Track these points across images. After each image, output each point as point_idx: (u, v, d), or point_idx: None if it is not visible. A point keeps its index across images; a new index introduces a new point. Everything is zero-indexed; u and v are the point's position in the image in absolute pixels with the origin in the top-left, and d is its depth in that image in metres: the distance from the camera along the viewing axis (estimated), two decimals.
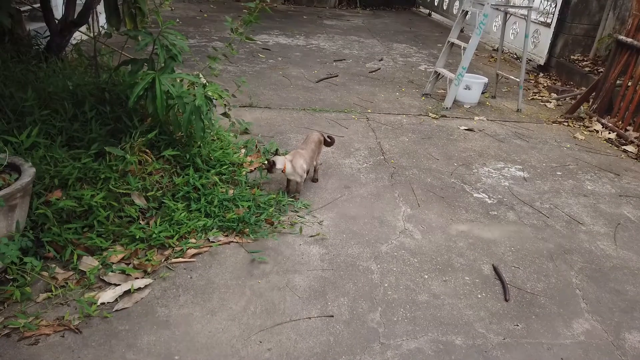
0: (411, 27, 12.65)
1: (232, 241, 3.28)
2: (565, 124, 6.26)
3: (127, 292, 2.73)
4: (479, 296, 2.99)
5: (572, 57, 8.45)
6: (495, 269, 3.24)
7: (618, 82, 6.15)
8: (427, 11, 15.22)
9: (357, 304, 2.84)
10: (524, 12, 6.12)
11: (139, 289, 2.77)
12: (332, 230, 3.53)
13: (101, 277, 2.82)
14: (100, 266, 2.87)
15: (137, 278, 2.85)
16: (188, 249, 3.10)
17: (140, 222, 3.23)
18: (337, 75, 7.50)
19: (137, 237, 3.05)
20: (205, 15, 11.39)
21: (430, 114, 6.10)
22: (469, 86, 6.48)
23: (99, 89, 3.77)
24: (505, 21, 6.76)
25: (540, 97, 7.35)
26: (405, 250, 3.37)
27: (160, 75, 3.41)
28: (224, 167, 3.90)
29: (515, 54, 9.83)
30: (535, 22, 9.02)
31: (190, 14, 11.33)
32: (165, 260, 3.03)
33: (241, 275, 2.99)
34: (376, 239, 3.47)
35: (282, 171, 3.64)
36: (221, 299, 2.78)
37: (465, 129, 5.72)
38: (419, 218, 3.79)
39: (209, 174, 3.70)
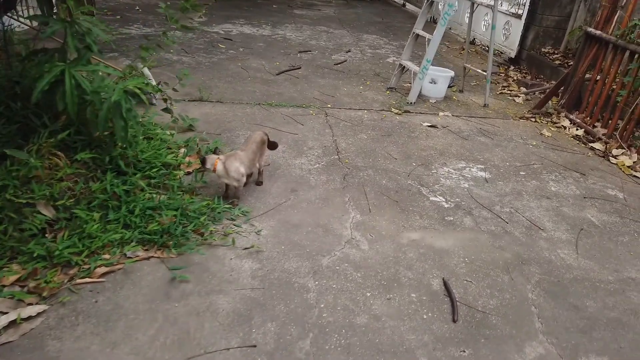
0: (383, 18, 12.32)
1: (152, 256, 2.91)
2: (533, 119, 6.02)
3: (14, 323, 2.34)
4: (425, 317, 2.69)
5: (542, 49, 8.22)
6: (445, 283, 2.95)
7: (587, 75, 5.91)
8: (402, 1, 14.91)
9: (285, 329, 2.51)
10: (491, 2, 5.82)
11: (30, 317, 2.38)
12: (270, 241, 3.18)
13: None
14: None
15: (31, 304, 2.46)
16: (97, 267, 2.72)
17: (47, 235, 2.84)
18: (299, 68, 7.12)
19: (36, 254, 2.65)
20: (169, 2, 10.84)
21: (393, 109, 5.78)
22: (435, 80, 6.18)
23: (9, 82, 3.33)
24: (472, 11, 6.46)
25: (509, 92, 7.10)
26: (348, 264, 3.05)
27: (73, 67, 3.01)
28: (154, 169, 3.52)
29: (487, 47, 9.57)
30: (505, 13, 8.77)
31: (152, 1, 10.78)
32: (69, 280, 2.65)
33: (156, 298, 2.62)
34: (318, 251, 3.14)
35: (212, 171, 3.36)
36: (127, 327, 2.42)
37: (429, 126, 5.42)
38: (368, 225, 3.47)
39: (135, 178, 3.32)
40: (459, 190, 4.09)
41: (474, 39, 9.98)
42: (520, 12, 8.49)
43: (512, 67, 8.44)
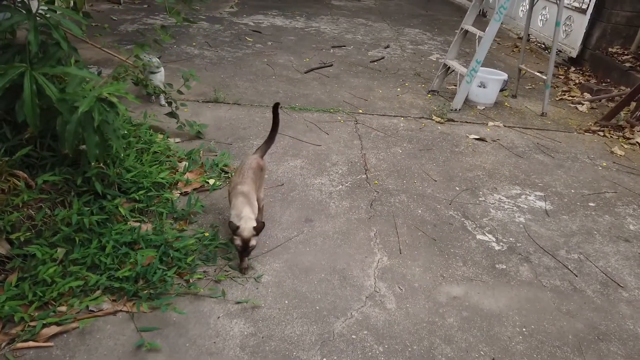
0: (428, 10, 11.41)
1: (119, 310, 2.32)
2: (601, 133, 5.10)
3: None
4: None
5: (610, 49, 7.19)
6: None
7: None
8: None
9: None
10: None
11: None
12: (272, 292, 2.54)
13: None
14: None
15: None
16: (45, 326, 2.14)
17: None
18: (331, 65, 6.43)
19: None
20: None
21: (435, 117, 5.00)
22: (484, 84, 5.34)
23: None
24: (532, 5, 5.57)
25: (570, 97, 6.16)
26: (368, 331, 2.36)
27: (37, 69, 2.44)
28: (141, 192, 2.92)
29: (544, 44, 8.57)
30: (568, 8, 7.74)
31: None
32: (7, 344, 2.08)
33: None
34: (331, 309, 2.47)
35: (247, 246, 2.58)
36: None
37: (476, 138, 4.62)
38: (397, 273, 2.77)
39: (113, 203, 2.73)
40: (513, 227, 3.31)
41: (529, 35, 8.98)
42: (584, 6, 7.46)
43: (572, 69, 7.44)
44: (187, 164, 3.49)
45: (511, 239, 3.19)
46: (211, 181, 3.39)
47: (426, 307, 2.55)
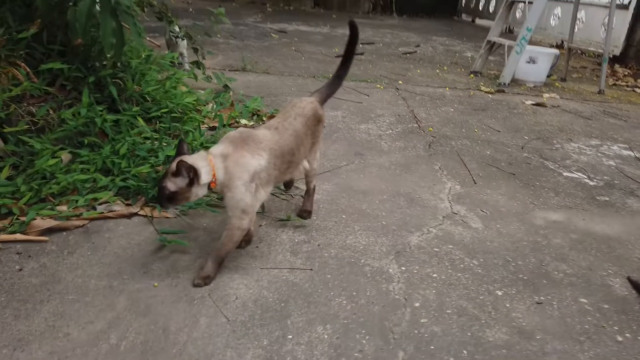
0: (452, 28, 11.22)
1: (135, 213, 1.81)
2: None
3: None
4: (620, 338, 1.38)
5: None
6: (633, 283, 1.63)
7: None
8: (470, 18, 13.78)
9: (349, 339, 1.29)
10: None
11: None
12: (325, 208, 2.01)
13: None
14: None
15: None
16: (34, 219, 1.64)
17: None
18: (362, 54, 6.08)
19: None
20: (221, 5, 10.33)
21: (483, 88, 4.54)
22: (534, 59, 4.90)
23: None
24: (576, 13, 5.20)
25: (624, 84, 5.67)
26: (454, 245, 1.81)
27: None
28: (163, 110, 2.47)
29: (579, 50, 8.17)
30: (606, 6, 7.39)
31: (206, 5, 10.28)
32: None
33: (124, 272, 1.50)
34: (401, 225, 1.92)
35: (209, 188, 1.47)
36: (56, 314, 1.29)
37: (533, 104, 4.13)
38: (476, 199, 2.23)
39: (130, 113, 2.28)
40: (604, 168, 2.76)
41: (562, 41, 8.64)
42: (626, 1, 7.10)
43: (617, 65, 6.98)
44: (213, 105, 3.05)
45: (605, 177, 2.63)
46: (242, 121, 2.93)
47: (522, 229, 1.99)
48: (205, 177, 1.41)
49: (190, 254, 1.62)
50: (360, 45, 6.89)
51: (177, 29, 3.53)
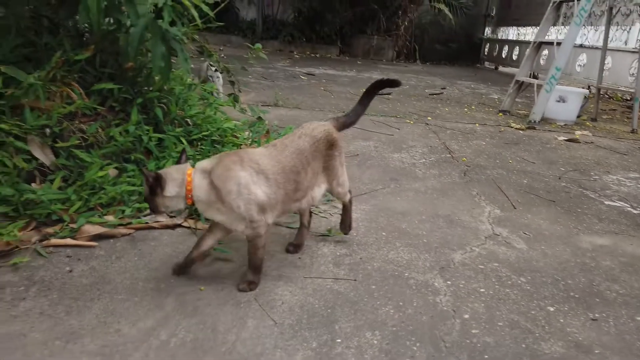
0: (476, 74, 11.39)
1: (179, 225, 1.83)
2: None
3: None
4: None
5: None
6: None
7: None
8: (494, 65, 14.00)
9: (400, 345, 1.25)
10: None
11: None
12: (363, 226, 2.00)
13: None
14: None
15: None
16: (85, 224, 1.68)
17: (33, 184, 1.88)
18: (389, 94, 6.20)
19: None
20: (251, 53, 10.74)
21: (513, 125, 4.55)
22: (564, 98, 4.91)
23: (37, 15, 2.61)
24: (604, 57, 5.26)
25: None
26: (499, 264, 1.77)
27: None
28: (205, 133, 2.55)
29: (607, 94, 8.17)
30: (633, 51, 7.43)
31: (237, 53, 10.73)
32: (41, 240, 1.61)
33: (172, 276, 1.50)
34: (443, 243, 1.90)
35: (185, 203, 1.42)
36: (107, 312, 1.30)
37: (566, 140, 4.11)
38: (517, 222, 2.19)
39: (173, 133, 2.35)
40: None
41: (589, 86, 8.66)
42: None
43: None
44: (250, 133, 3.13)
45: None
46: None
47: (567, 251, 1.94)
48: (171, 189, 1.36)
49: (234, 262, 1.62)
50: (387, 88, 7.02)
51: (215, 63, 3.68)
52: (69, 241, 1.62)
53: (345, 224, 1.84)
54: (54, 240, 1.61)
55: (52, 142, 2.03)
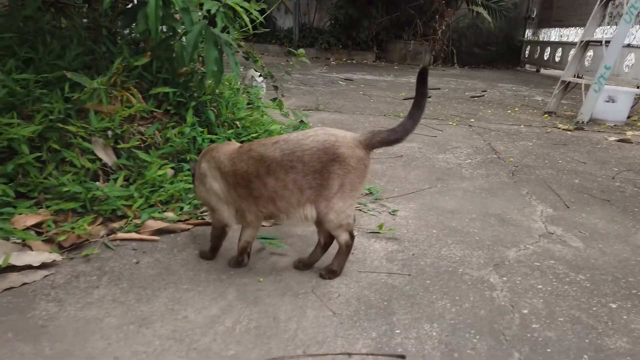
0: (517, 77, 11.15)
1: None
2: None
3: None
4: None
5: None
6: None
7: None
8: (535, 68, 13.66)
9: (460, 337, 1.26)
10: None
11: (28, 268, 1.44)
12: (413, 224, 2.01)
13: None
14: None
15: (49, 252, 1.54)
16: (148, 219, 1.76)
17: (98, 183, 1.99)
18: (429, 97, 6.15)
19: (69, 190, 1.78)
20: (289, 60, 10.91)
21: (560, 126, 4.44)
22: (613, 98, 4.76)
23: (96, 25, 2.76)
24: None
25: None
26: (556, 261, 1.74)
27: None
28: (252, 134, 2.62)
29: None
30: None
31: (275, 60, 10.91)
32: (108, 234, 1.71)
33: (231, 268, 1.56)
34: (496, 241, 1.88)
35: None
36: (173, 300, 1.36)
37: (617, 140, 3.97)
38: (571, 221, 2.14)
39: (227, 133, 2.44)
40: None
41: (638, 86, 8.33)
42: None
43: None
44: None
45: None
46: None
47: (627, 249, 1.89)
48: None
49: (289, 256, 1.66)
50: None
51: (259, 69, 3.77)
52: (134, 235, 1.70)
53: (330, 267, 1.52)
54: (120, 234, 1.70)
55: (114, 143, 2.14)
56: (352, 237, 1.50)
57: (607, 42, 4.52)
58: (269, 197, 1.43)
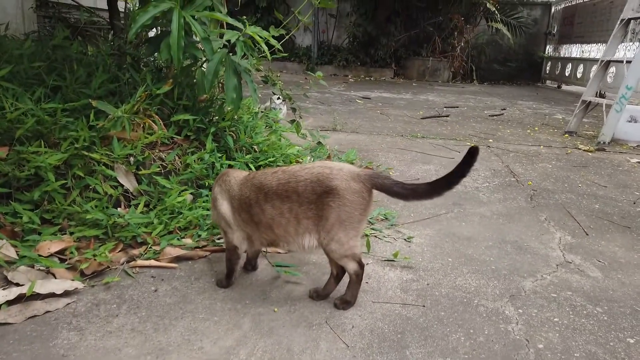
0: (537, 93, 11.05)
1: None
2: None
3: (23, 300, 1.46)
4: None
5: None
6: None
7: None
8: (556, 84, 13.52)
9: None
10: None
11: (52, 296, 1.49)
12: (428, 252, 2.01)
13: (4, 273, 1.60)
14: (18, 258, 1.67)
15: (73, 280, 1.59)
16: (167, 247, 1.80)
17: (119, 209, 2.05)
18: (447, 116, 6.16)
19: (92, 217, 1.83)
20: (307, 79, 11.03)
21: (581, 147, 4.39)
22: (635, 118, 4.69)
23: (121, 53, 2.86)
24: None
25: None
26: (573, 293, 1.72)
27: (187, 11, 2.41)
28: (270, 159, 2.66)
29: None
30: None
31: (294, 79, 11.04)
32: (128, 261, 1.75)
33: (246, 297, 1.59)
34: (512, 270, 1.87)
35: None
36: (190, 330, 1.39)
37: (639, 162, 3.90)
38: (590, 249, 2.12)
39: (244, 159, 2.49)
40: None
41: None
42: None
43: None
44: (311, 158, 3.23)
45: None
46: None
47: None
48: None
49: (304, 285, 1.68)
50: (444, 109, 7.00)
51: (277, 91, 3.84)
52: (153, 262, 1.75)
53: (344, 297, 1.54)
54: (139, 262, 1.74)
55: (135, 169, 2.20)
56: (361, 265, 1.51)
57: (629, 61, 4.47)
58: (267, 224, 1.51)
